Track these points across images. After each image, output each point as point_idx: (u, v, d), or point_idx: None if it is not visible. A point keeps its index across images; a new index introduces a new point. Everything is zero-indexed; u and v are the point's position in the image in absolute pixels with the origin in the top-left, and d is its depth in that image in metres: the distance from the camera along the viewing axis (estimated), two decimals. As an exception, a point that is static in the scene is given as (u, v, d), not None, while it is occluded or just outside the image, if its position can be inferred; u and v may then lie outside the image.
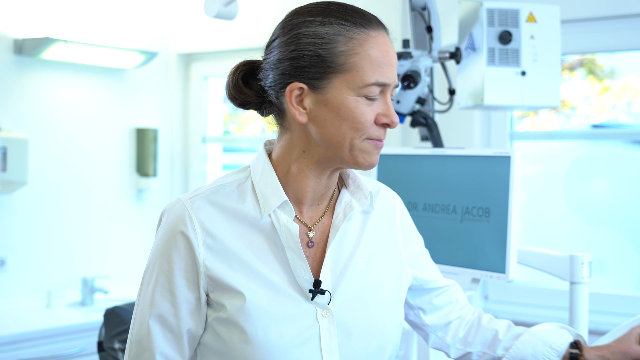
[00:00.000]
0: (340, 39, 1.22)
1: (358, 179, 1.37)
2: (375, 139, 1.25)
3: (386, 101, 1.25)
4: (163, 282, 1.25)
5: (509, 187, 1.81)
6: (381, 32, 1.25)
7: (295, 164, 1.28)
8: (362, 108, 1.22)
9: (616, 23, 2.91)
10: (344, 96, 1.22)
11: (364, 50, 1.22)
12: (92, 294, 3.44)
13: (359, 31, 1.22)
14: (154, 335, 1.24)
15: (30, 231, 3.43)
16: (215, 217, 1.26)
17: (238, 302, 1.22)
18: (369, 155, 1.25)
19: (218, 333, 1.24)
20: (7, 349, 2.90)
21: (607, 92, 3.11)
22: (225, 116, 4.28)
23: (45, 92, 3.48)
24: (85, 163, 3.65)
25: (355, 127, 1.23)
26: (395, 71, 1.26)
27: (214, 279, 1.23)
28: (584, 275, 1.86)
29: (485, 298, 3.20)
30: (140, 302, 1.27)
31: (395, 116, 1.26)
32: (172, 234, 1.25)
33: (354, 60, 1.22)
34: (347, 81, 1.22)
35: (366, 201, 1.35)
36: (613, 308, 2.88)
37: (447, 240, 1.94)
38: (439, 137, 2.34)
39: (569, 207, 3.07)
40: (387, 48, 1.24)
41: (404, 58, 2.24)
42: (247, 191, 1.29)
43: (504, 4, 2.25)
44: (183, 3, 3.99)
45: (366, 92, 1.22)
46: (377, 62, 1.22)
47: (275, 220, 1.27)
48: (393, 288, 1.35)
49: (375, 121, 1.24)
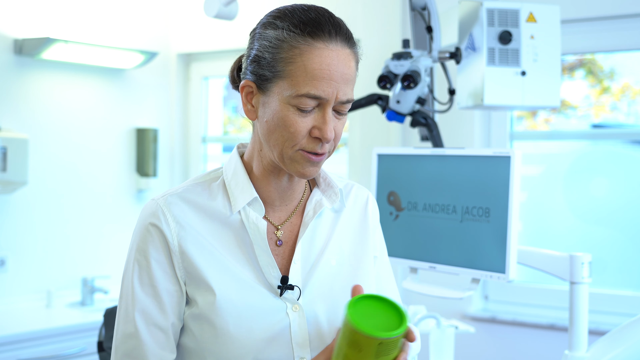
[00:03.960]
0: (284, 46, 1.22)
1: (329, 177, 1.38)
2: (308, 151, 1.24)
3: (324, 115, 1.22)
4: (143, 277, 1.27)
5: (509, 187, 1.81)
6: (332, 44, 1.22)
7: (255, 163, 1.32)
8: (292, 118, 1.22)
9: (616, 23, 2.91)
10: (278, 103, 1.23)
11: (302, 61, 1.21)
12: (92, 294, 3.44)
13: (303, 41, 1.21)
14: (140, 331, 1.25)
15: (30, 231, 3.42)
16: (187, 212, 1.29)
17: (209, 297, 1.24)
18: (300, 165, 1.25)
19: (192, 330, 1.27)
20: (7, 349, 2.90)
21: (607, 92, 3.11)
22: (224, 119, 4.28)
23: (45, 92, 3.48)
24: (85, 163, 3.65)
25: (285, 137, 1.23)
26: (338, 87, 1.22)
27: (188, 271, 1.26)
28: (584, 275, 1.86)
29: (485, 298, 3.20)
30: (122, 302, 1.28)
31: (330, 132, 1.22)
32: (146, 228, 1.28)
33: (290, 69, 1.21)
34: (283, 88, 1.22)
35: (336, 198, 1.36)
36: (613, 308, 2.88)
37: (447, 240, 1.94)
38: (439, 137, 2.34)
39: (569, 207, 3.07)
40: (331, 62, 1.21)
41: (404, 58, 2.24)
42: (219, 190, 1.32)
43: (504, 4, 2.25)
44: (183, 3, 3.99)
45: (297, 103, 1.21)
46: (313, 75, 1.20)
47: (245, 217, 1.29)
48: (364, 284, 1.36)
49: (310, 133, 1.23)
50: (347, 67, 1.23)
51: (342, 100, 1.23)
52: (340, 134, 1.27)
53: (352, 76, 1.25)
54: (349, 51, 1.24)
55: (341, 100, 1.23)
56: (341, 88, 1.22)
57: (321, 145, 1.24)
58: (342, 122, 1.27)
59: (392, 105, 2.29)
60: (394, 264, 2.04)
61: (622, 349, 1.80)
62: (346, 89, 1.23)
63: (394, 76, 2.24)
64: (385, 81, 2.24)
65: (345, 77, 1.23)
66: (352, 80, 1.25)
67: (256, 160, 1.32)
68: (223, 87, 4.25)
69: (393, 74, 2.24)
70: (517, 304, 3.12)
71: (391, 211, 2.07)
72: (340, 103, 1.23)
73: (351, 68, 1.24)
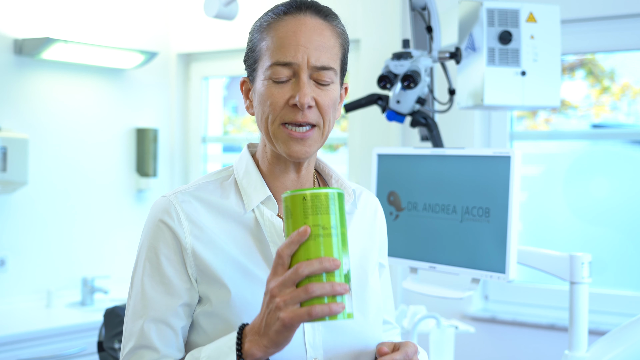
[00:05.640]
0: (259, 29, 1.26)
1: (341, 178, 1.37)
2: (289, 122, 1.23)
3: (299, 82, 1.21)
4: (153, 275, 1.24)
5: (509, 187, 1.81)
6: (300, 15, 1.23)
7: (262, 159, 1.32)
8: (270, 90, 1.23)
9: (616, 23, 2.91)
10: (260, 82, 1.24)
11: (269, 35, 1.23)
12: (92, 294, 3.44)
13: (272, 18, 1.25)
14: (148, 329, 1.23)
15: (30, 231, 3.43)
16: (200, 210, 1.27)
17: (224, 295, 1.23)
18: (284, 143, 1.24)
19: (203, 328, 1.25)
20: (7, 349, 2.90)
21: (607, 92, 3.11)
22: (224, 119, 4.28)
23: (45, 92, 3.48)
24: (85, 163, 3.65)
25: (266, 112, 1.24)
26: (309, 52, 1.21)
27: (201, 269, 1.24)
28: (584, 275, 1.86)
29: (485, 298, 3.20)
30: (132, 299, 1.27)
31: (304, 97, 1.20)
32: (157, 225, 1.26)
33: (262, 45, 1.25)
34: (262, 67, 1.24)
35: (349, 199, 1.36)
36: (613, 308, 2.88)
37: (447, 240, 1.94)
38: (439, 137, 2.34)
39: (569, 207, 3.07)
40: (297, 29, 1.21)
41: (404, 58, 2.24)
42: (231, 188, 1.30)
43: (504, 4, 2.25)
44: (183, 3, 3.99)
45: (270, 75, 1.22)
46: (280, 43, 1.22)
47: (259, 215, 1.28)
48: (374, 286, 1.36)
49: (288, 103, 1.22)
50: (318, 34, 1.23)
51: (316, 65, 1.22)
52: (326, 105, 1.24)
53: (328, 44, 1.23)
54: (321, 21, 1.24)
55: (314, 65, 1.22)
56: (312, 53, 1.21)
57: (301, 114, 1.22)
58: (327, 93, 1.24)
59: (392, 105, 2.29)
60: (394, 264, 2.04)
61: (622, 349, 1.80)
62: (319, 55, 1.22)
63: (394, 76, 2.24)
64: (385, 81, 2.24)
65: (316, 42, 1.22)
66: (327, 48, 1.23)
67: (262, 156, 1.32)
68: (223, 87, 4.25)
69: (393, 74, 2.24)
70: (517, 304, 3.12)
71: (391, 211, 2.07)
72: (316, 69, 1.22)
73: (324, 36, 1.23)
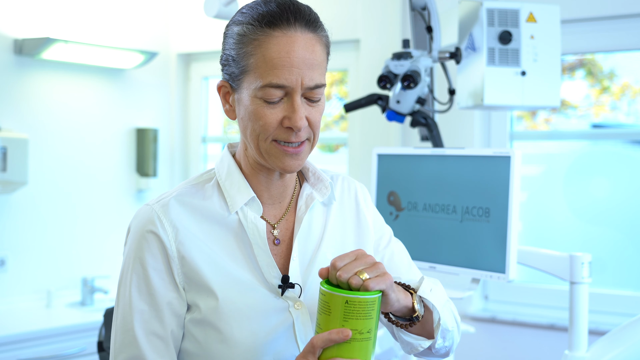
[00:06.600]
0: (245, 40, 1.21)
1: (317, 170, 1.37)
2: (282, 141, 1.22)
3: (292, 104, 1.20)
4: (140, 286, 1.24)
5: (509, 187, 1.81)
6: (290, 31, 1.19)
7: (244, 162, 1.31)
8: (261, 111, 1.21)
9: (616, 23, 2.91)
10: (248, 98, 1.22)
11: (261, 52, 1.19)
12: (92, 294, 3.44)
13: (261, 32, 1.20)
14: (139, 340, 1.22)
15: (30, 231, 3.42)
16: (184, 215, 1.26)
17: (212, 302, 1.22)
18: (278, 159, 1.23)
19: (194, 336, 1.25)
20: (7, 349, 2.90)
21: (607, 92, 3.11)
22: (224, 119, 4.28)
23: (45, 92, 3.48)
24: (85, 163, 3.65)
25: (257, 130, 1.22)
26: (302, 73, 1.19)
27: (189, 276, 1.24)
28: (584, 275, 1.86)
29: (485, 298, 3.20)
30: (119, 311, 1.26)
31: (299, 121, 1.19)
32: (141, 235, 1.25)
33: (252, 62, 1.20)
34: (250, 83, 1.21)
35: (327, 191, 1.35)
36: (613, 308, 2.89)
37: (447, 240, 1.94)
38: (439, 137, 2.34)
39: (569, 207, 3.07)
40: (290, 49, 1.18)
41: (404, 58, 2.24)
42: (214, 191, 1.30)
43: (504, 4, 2.25)
44: (183, 3, 3.99)
45: (263, 95, 1.20)
46: (273, 64, 1.18)
47: (243, 217, 1.27)
48: None
49: (281, 124, 1.21)
50: (310, 51, 1.20)
51: (310, 86, 1.20)
52: (317, 121, 1.23)
53: (318, 61, 1.21)
54: (311, 35, 1.21)
55: (308, 86, 1.20)
56: (305, 74, 1.19)
57: (295, 134, 1.21)
58: (318, 109, 1.24)
59: (392, 105, 2.29)
60: (394, 264, 2.04)
61: (622, 349, 1.80)
62: (312, 74, 1.20)
63: (394, 76, 2.24)
64: (385, 81, 2.24)
65: (309, 62, 1.20)
66: (318, 65, 1.21)
67: (244, 159, 1.31)
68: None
69: (393, 74, 2.24)
70: (517, 304, 3.12)
71: (391, 211, 2.07)
72: (309, 89, 1.21)
73: (315, 52, 1.21)
